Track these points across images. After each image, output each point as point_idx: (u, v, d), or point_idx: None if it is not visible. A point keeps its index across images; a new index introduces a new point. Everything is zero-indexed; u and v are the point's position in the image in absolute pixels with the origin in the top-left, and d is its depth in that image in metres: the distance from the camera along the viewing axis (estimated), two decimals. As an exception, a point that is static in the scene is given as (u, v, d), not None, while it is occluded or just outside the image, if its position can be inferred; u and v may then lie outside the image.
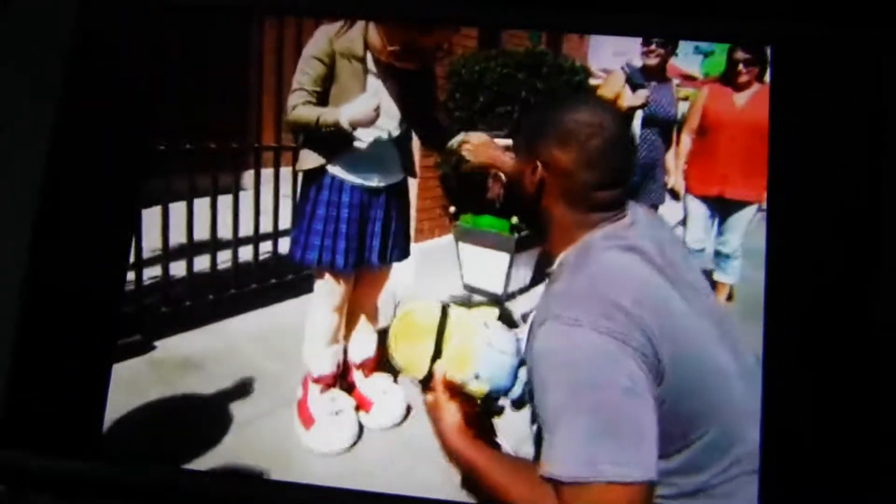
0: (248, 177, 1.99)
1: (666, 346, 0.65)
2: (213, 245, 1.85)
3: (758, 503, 0.70)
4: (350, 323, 1.41)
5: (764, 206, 2.02)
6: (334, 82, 1.20)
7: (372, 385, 1.42)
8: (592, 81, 2.17)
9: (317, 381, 1.36)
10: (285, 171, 1.99)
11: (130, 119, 0.94)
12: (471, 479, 0.73)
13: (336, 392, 1.38)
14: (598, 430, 0.62)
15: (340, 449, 1.31)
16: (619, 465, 0.61)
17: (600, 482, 0.61)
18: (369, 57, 1.21)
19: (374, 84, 1.23)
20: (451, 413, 0.76)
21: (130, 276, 1.59)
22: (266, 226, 1.96)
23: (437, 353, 0.79)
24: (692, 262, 0.80)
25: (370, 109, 1.16)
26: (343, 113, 1.17)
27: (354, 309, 1.39)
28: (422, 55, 1.16)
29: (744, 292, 2.05)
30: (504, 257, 1.94)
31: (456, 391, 0.78)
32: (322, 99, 1.22)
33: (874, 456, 0.71)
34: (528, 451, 0.83)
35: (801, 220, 0.82)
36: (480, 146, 1.18)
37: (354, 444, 1.33)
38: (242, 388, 1.43)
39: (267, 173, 1.99)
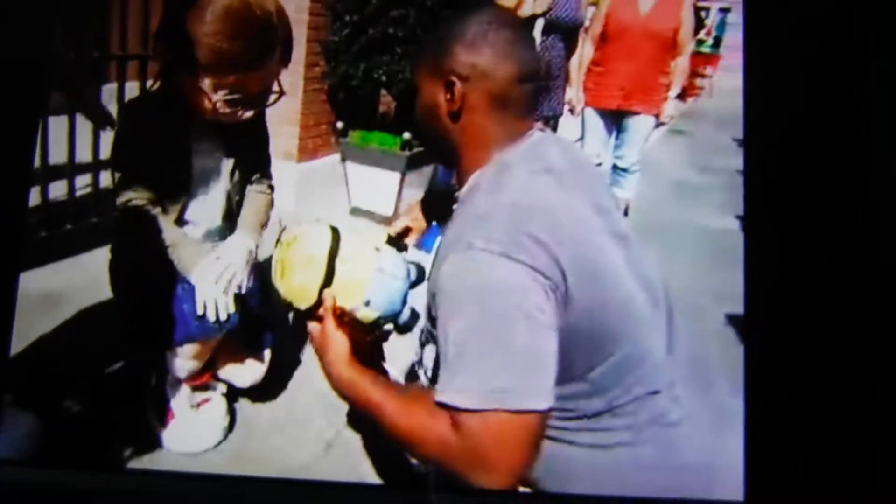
0: (109, 91, 1.77)
1: (576, 274, 0.65)
2: (71, 169, 1.66)
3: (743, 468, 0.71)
4: None
5: (662, 119, 2.01)
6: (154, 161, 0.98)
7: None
8: (494, -16, 2.01)
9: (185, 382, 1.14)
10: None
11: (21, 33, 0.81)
12: (359, 412, 0.71)
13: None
14: (505, 360, 0.62)
15: (205, 448, 1.11)
16: (522, 396, 0.61)
17: (502, 411, 0.60)
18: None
19: (201, 155, 1.03)
20: (340, 343, 0.72)
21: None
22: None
23: (328, 281, 0.73)
24: (602, 181, 0.80)
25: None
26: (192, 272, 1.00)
27: None
28: (253, 101, 0.96)
29: (639, 209, 2.06)
30: (395, 177, 1.84)
31: (345, 319, 0.74)
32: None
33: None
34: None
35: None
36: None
37: (224, 439, 1.14)
38: (108, 327, 1.26)
39: (132, 87, 1.77)
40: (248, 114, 0.97)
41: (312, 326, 0.75)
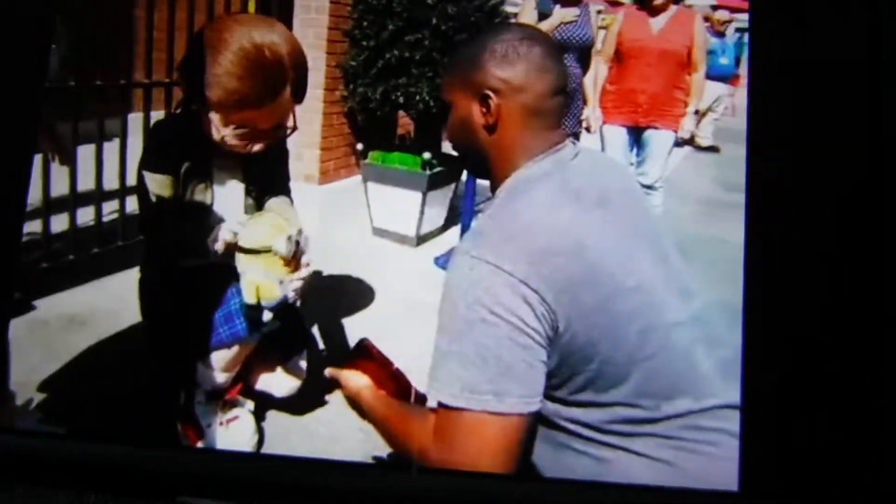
0: (135, 120, 1.81)
1: (558, 290, 0.66)
2: (98, 196, 1.69)
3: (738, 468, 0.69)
4: None
5: (680, 134, 2.02)
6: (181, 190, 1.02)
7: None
8: (508, 9, 2.05)
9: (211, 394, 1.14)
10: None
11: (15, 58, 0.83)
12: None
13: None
14: (483, 360, 0.65)
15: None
16: (499, 396, 0.64)
17: (476, 411, 0.64)
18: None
19: (222, 173, 1.06)
20: (357, 380, 0.83)
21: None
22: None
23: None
24: (638, 205, 0.80)
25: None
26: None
27: None
28: (263, 136, 1.00)
29: (666, 226, 2.04)
30: (416, 196, 1.86)
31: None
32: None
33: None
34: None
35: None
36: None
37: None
38: (132, 349, 1.30)
39: (157, 116, 1.81)
40: (258, 147, 1.00)
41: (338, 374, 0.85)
